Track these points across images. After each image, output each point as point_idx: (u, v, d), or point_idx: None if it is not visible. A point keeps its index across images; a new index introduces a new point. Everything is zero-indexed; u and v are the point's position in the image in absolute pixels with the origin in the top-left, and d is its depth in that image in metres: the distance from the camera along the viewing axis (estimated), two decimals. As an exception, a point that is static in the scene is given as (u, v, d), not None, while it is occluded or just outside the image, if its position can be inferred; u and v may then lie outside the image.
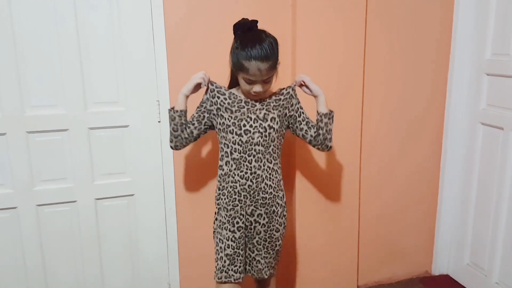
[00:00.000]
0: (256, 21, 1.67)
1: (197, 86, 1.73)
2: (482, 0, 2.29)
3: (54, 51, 1.90)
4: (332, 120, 1.78)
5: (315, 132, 1.76)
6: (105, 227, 2.13)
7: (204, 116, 1.76)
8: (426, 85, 2.48)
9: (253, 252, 1.81)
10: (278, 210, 1.78)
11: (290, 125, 1.80)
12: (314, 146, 1.81)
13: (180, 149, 1.81)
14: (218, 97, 1.73)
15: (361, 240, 2.52)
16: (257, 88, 1.64)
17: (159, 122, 2.09)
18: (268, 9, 2.12)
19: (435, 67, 2.47)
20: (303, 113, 1.79)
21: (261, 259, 1.81)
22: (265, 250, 1.80)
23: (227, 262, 1.75)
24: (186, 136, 1.76)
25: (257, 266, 1.82)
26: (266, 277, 1.84)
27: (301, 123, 1.78)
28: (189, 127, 1.76)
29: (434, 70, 2.47)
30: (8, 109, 1.89)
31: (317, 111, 1.76)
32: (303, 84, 1.78)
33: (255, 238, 1.78)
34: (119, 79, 2.01)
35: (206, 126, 1.78)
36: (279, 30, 2.14)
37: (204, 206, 2.17)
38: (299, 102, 1.79)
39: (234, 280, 1.75)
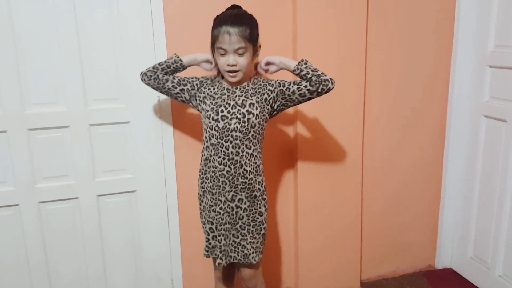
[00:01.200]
0: (238, 6, 1.72)
1: (206, 63, 1.78)
2: (485, -9, 2.28)
3: (54, 48, 1.90)
4: (309, 63, 1.72)
5: (306, 81, 1.69)
6: (107, 223, 2.13)
7: (186, 83, 1.77)
8: (428, 78, 2.46)
9: (237, 238, 1.78)
10: (257, 194, 1.75)
11: (285, 99, 1.72)
12: (317, 92, 1.69)
13: (143, 80, 1.80)
14: (208, 88, 1.76)
15: (364, 234, 2.52)
16: (230, 59, 1.60)
17: (159, 118, 2.08)
18: (268, 1, 2.11)
19: (437, 59, 2.45)
20: (285, 81, 1.72)
21: (247, 244, 1.77)
22: (251, 235, 1.77)
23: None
24: (160, 78, 1.77)
25: (243, 251, 1.78)
26: (254, 262, 1.79)
27: (290, 86, 1.70)
28: (169, 78, 1.77)
29: (436, 62, 2.45)
30: (9, 106, 1.89)
31: (292, 69, 1.73)
32: (267, 66, 1.79)
33: (238, 223, 1.76)
34: (120, 75, 2.01)
35: (179, 89, 1.78)
36: (279, 21, 2.14)
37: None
38: (277, 80, 1.74)
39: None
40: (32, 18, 1.85)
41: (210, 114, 1.70)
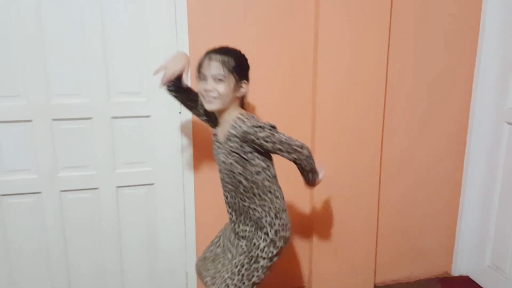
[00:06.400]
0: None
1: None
2: (512, -5, 2.24)
3: (79, 41, 1.95)
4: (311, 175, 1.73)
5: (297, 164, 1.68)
6: (125, 214, 2.17)
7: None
8: (451, 83, 2.43)
9: (223, 267, 1.72)
10: (259, 244, 1.64)
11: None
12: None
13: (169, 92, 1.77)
14: (214, 135, 1.75)
15: (380, 237, 2.50)
16: (208, 84, 1.55)
17: (179, 113, 2.11)
18: (291, 6, 2.12)
19: (461, 65, 2.42)
20: (268, 143, 1.55)
21: (228, 278, 1.65)
22: (238, 276, 1.63)
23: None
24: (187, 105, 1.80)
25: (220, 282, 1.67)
26: None
27: (269, 149, 1.59)
28: (196, 107, 1.80)
29: (460, 68, 2.42)
30: (34, 97, 1.94)
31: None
32: None
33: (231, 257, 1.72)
34: (142, 70, 2.05)
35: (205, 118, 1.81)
36: (301, 27, 2.15)
37: (222, 198, 2.17)
38: (256, 135, 1.53)
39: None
40: (59, 12, 1.90)
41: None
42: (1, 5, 1.84)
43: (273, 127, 1.57)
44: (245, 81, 1.62)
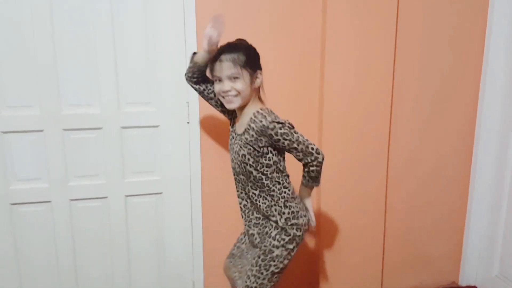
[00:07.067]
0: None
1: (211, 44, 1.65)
2: (518, 6, 2.25)
3: (91, 53, 1.99)
4: (312, 182, 1.73)
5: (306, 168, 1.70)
6: (134, 223, 2.20)
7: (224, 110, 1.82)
8: (458, 93, 2.43)
9: (246, 265, 1.79)
10: (271, 232, 1.69)
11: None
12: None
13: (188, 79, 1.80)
14: (232, 122, 1.79)
15: (386, 245, 2.50)
16: (224, 86, 1.58)
17: (188, 123, 2.14)
18: (298, 11, 2.15)
19: (468, 70, 2.42)
20: (284, 141, 1.58)
21: (251, 275, 1.70)
22: (257, 268, 1.69)
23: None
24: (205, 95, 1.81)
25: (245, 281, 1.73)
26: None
27: (286, 149, 1.63)
28: (212, 101, 1.81)
29: (467, 73, 2.43)
30: (46, 107, 1.98)
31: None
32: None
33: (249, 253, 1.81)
34: (151, 80, 2.08)
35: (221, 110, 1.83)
36: (308, 32, 2.18)
37: (229, 207, 2.20)
38: (276, 133, 1.56)
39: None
40: (70, 23, 1.94)
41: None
42: (14, 16, 1.88)
43: (292, 126, 1.60)
44: (259, 71, 1.65)
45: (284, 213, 1.67)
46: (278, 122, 1.55)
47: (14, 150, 1.99)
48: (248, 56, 1.59)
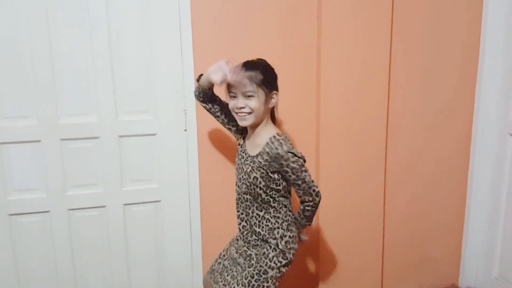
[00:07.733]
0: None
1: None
2: (512, 7, 2.26)
3: (87, 62, 1.99)
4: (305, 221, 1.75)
5: (304, 204, 1.70)
6: (133, 231, 2.19)
7: (231, 127, 1.83)
8: (453, 95, 2.45)
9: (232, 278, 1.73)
10: (268, 253, 1.68)
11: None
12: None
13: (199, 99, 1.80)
14: (241, 140, 1.81)
15: (385, 248, 2.50)
16: (239, 102, 1.60)
17: (185, 130, 2.14)
18: (293, 17, 2.16)
19: (463, 77, 2.44)
20: (292, 174, 1.60)
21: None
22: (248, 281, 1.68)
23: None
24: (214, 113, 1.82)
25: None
26: None
27: (291, 181, 1.66)
28: (221, 117, 1.81)
29: (462, 80, 2.44)
30: (43, 117, 1.98)
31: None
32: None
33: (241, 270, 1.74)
34: (148, 89, 2.08)
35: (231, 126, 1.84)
36: (303, 36, 2.19)
37: (228, 214, 2.20)
38: (287, 163, 1.58)
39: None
40: (67, 33, 1.95)
41: (235, 173, 1.77)
42: (11, 26, 1.89)
43: (304, 161, 1.62)
44: (275, 92, 1.66)
45: (285, 236, 1.69)
46: (294, 155, 1.57)
47: (12, 160, 1.99)
48: (265, 76, 1.60)
